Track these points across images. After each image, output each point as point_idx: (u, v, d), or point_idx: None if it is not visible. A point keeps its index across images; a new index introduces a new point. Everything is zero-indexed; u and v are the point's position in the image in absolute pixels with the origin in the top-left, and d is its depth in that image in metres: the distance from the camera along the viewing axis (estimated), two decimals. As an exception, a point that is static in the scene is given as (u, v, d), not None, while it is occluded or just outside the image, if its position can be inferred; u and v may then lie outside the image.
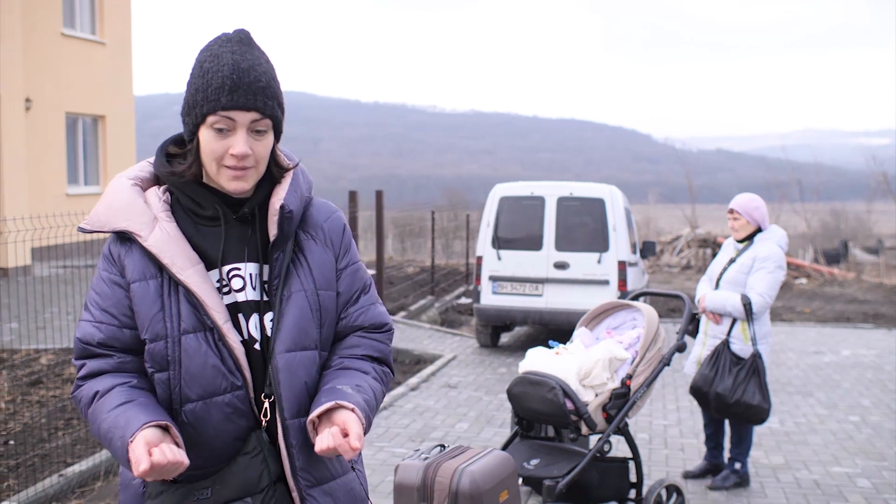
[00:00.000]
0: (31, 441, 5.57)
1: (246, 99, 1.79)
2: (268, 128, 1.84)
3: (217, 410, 1.83)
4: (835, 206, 36.46)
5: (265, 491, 1.83)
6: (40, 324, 8.95)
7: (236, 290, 1.88)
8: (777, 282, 5.26)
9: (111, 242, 1.88)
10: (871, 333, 11.95)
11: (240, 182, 1.84)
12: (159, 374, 1.83)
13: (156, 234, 1.83)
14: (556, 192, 9.85)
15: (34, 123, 15.35)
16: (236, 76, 1.78)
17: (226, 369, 1.82)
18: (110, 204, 1.88)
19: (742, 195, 5.51)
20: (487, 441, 6.37)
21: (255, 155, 1.83)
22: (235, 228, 1.89)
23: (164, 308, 1.82)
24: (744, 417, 5.15)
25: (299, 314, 1.88)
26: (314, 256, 1.94)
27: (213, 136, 1.80)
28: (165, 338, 1.81)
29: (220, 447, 1.84)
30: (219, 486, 1.82)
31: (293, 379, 1.86)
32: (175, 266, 1.81)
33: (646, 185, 53.27)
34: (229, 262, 1.88)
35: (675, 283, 17.88)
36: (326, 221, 2.00)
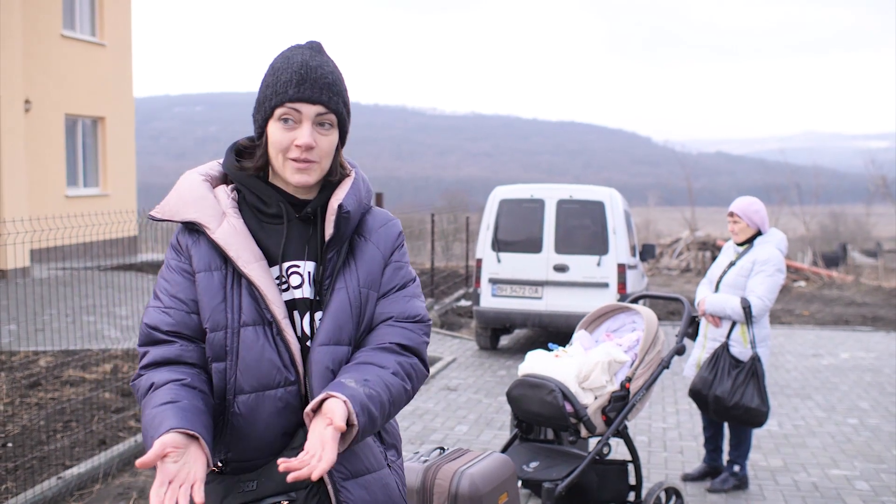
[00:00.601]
0: (30, 443, 5.56)
1: (312, 92, 1.86)
2: (333, 124, 1.91)
3: (269, 404, 1.86)
4: (834, 209, 36.50)
5: (310, 487, 1.86)
6: (39, 326, 8.95)
7: (294, 287, 1.93)
8: (777, 285, 5.26)
9: (179, 233, 1.95)
10: (869, 336, 11.95)
11: (303, 175, 1.89)
12: (217, 363, 1.87)
13: (223, 228, 1.89)
14: (556, 194, 9.86)
15: (34, 125, 15.35)
16: (304, 71, 1.87)
17: (281, 364, 1.86)
18: (182, 195, 1.94)
19: (742, 198, 5.51)
20: (487, 444, 6.36)
21: (320, 149, 1.89)
22: (297, 227, 1.95)
23: (227, 299, 1.87)
24: (743, 420, 5.15)
25: (338, 310, 1.91)
26: (364, 256, 1.98)
27: (280, 128, 1.87)
28: (225, 328, 1.86)
29: (269, 440, 1.87)
30: (264, 480, 1.85)
31: (324, 372, 1.88)
32: (240, 259, 1.87)
33: (645, 187, 53.28)
34: (289, 259, 1.93)
35: (674, 286, 17.88)
36: (381, 228, 2.04)
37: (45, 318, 9.30)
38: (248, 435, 1.87)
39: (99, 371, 7.41)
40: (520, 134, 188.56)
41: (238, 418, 1.86)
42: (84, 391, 6.76)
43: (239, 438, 1.86)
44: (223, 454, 1.89)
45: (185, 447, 1.69)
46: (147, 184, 15.50)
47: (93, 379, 7.16)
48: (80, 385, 6.98)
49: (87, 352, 7.98)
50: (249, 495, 1.85)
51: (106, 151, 18.28)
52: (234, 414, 1.86)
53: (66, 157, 16.90)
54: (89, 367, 7.49)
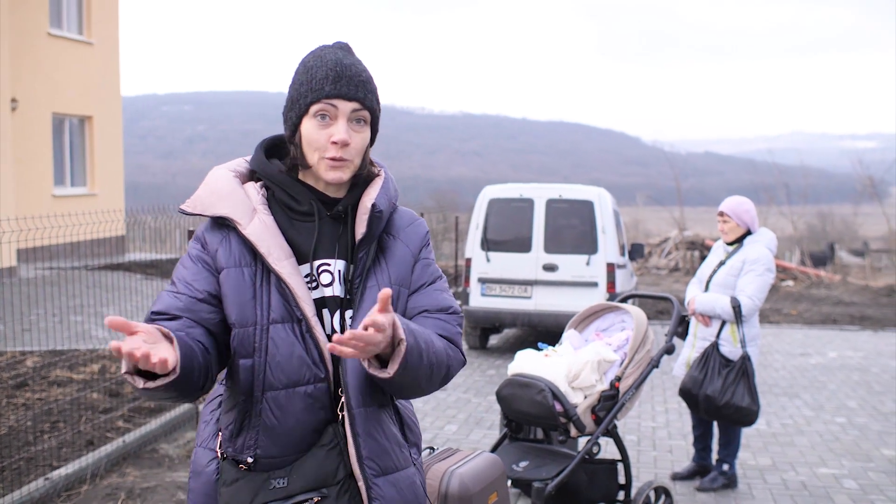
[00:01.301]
0: (17, 444, 5.53)
1: (348, 88, 1.88)
2: (366, 121, 1.92)
3: (299, 400, 1.87)
4: (821, 209, 36.67)
5: (341, 483, 1.87)
6: (26, 325, 8.90)
7: (324, 285, 1.93)
8: (766, 284, 5.27)
9: (206, 228, 1.95)
10: (857, 335, 12.01)
11: (338, 172, 1.90)
12: (244, 360, 1.87)
13: (255, 224, 1.89)
14: (545, 194, 9.86)
15: (20, 124, 15.26)
16: (339, 69, 1.89)
17: (310, 360, 1.87)
18: (213, 190, 1.94)
19: (731, 198, 5.53)
20: (476, 443, 6.36)
21: (354, 146, 1.90)
22: (328, 225, 1.96)
23: (256, 296, 1.87)
24: (733, 420, 5.16)
25: (371, 307, 1.90)
26: (394, 255, 1.99)
27: (316, 125, 1.88)
28: (255, 324, 1.86)
29: (298, 437, 1.88)
30: (295, 477, 1.86)
31: (360, 368, 1.88)
32: (271, 256, 1.87)
33: (634, 187, 53.41)
34: (320, 257, 1.94)
35: (663, 286, 17.93)
36: (408, 227, 2.05)
37: (32, 318, 9.24)
38: (278, 431, 1.87)
39: (86, 371, 7.37)
40: (509, 133, 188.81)
41: (268, 414, 1.87)
42: (71, 391, 6.72)
43: (268, 435, 1.87)
44: (252, 451, 1.89)
45: (158, 341, 1.64)
46: (135, 183, 15.41)
47: (80, 379, 7.12)
48: (68, 385, 6.94)
49: (75, 352, 7.93)
50: (280, 492, 1.85)
51: (93, 151, 18.20)
52: (263, 410, 1.87)
53: (53, 156, 16.81)
54: (77, 367, 7.45)
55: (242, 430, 1.90)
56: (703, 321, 5.38)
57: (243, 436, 1.90)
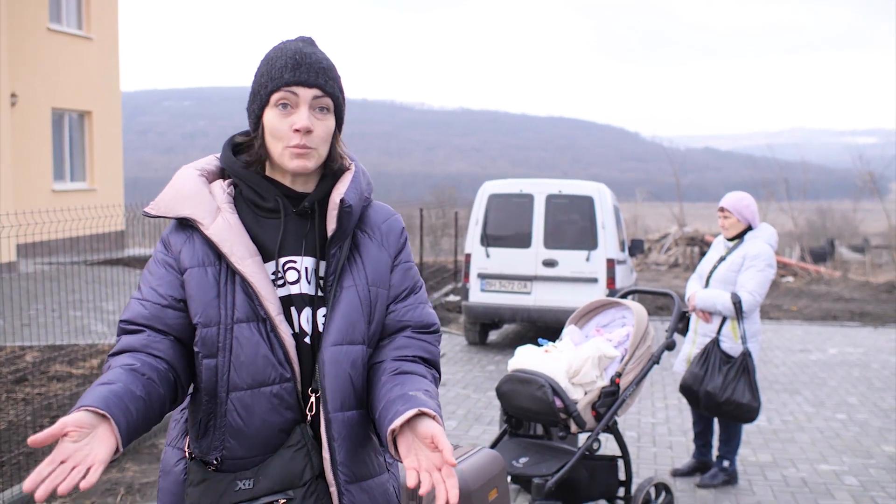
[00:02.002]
0: (16, 439, 5.52)
1: (308, 75, 1.85)
2: (329, 108, 1.89)
3: (265, 400, 1.84)
4: (821, 205, 36.62)
5: (307, 485, 1.84)
6: (25, 321, 8.89)
7: (290, 283, 1.90)
8: (767, 280, 5.26)
9: (171, 230, 1.92)
10: (857, 331, 12.00)
11: (301, 160, 1.86)
12: (208, 359, 1.85)
13: (218, 224, 1.87)
14: (545, 189, 9.85)
15: (20, 119, 15.24)
16: (299, 57, 1.87)
17: (275, 360, 1.84)
18: (177, 191, 1.92)
19: (732, 193, 5.51)
20: (476, 439, 6.36)
21: (317, 134, 1.87)
22: (295, 222, 1.92)
23: (220, 295, 1.85)
24: (734, 416, 5.15)
25: (349, 308, 1.89)
26: (369, 253, 1.96)
27: (278, 115, 1.86)
28: (218, 324, 1.84)
29: (265, 438, 1.85)
30: (261, 478, 1.83)
31: (338, 371, 1.86)
32: (234, 255, 1.84)
33: (633, 183, 53.36)
34: (286, 254, 1.91)
35: (662, 281, 17.92)
36: (384, 223, 2.02)
37: (32, 313, 9.24)
38: (244, 432, 1.85)
39: (86, 366, 7.36)
40: (508, 129, 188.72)
41: (233, 415, 1.85)
42: (71, 386, 6.71)
43: (234, 436, 1.84)
44: (218, 452, 1.86)
45: (93, 427, 1.60)
46: (134, 178, 15.37)
47: (80, 374, 7.11)
48: (67, 380, 6.94)
49: (74, 347, 7.93)
50: (245, 494, 1.83)
51: (93, 146, 18.18)
52: (228, 411, 1.85)
53: (52, 151, 16.80)
54: (76, 362, 7.44)
55: (208, 430, 1.87)
56: (704, 317, 5.37)
57: (209, 436, 1.87)
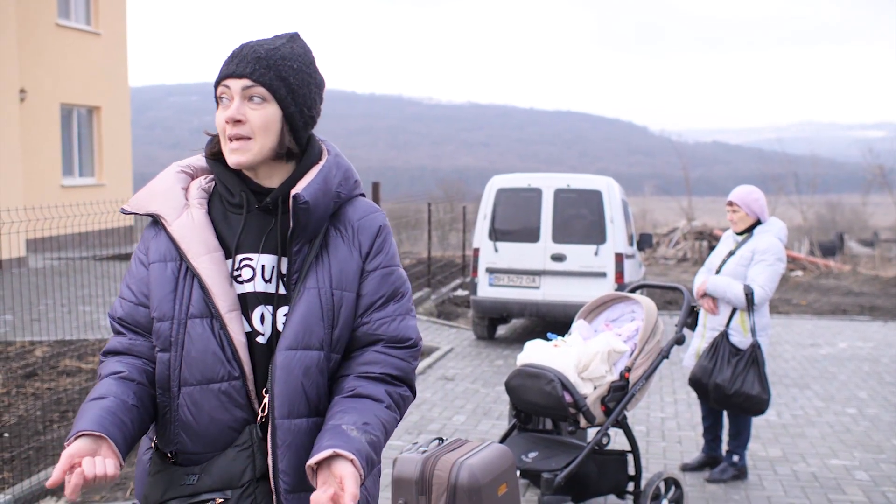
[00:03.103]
0: (27, 434, 5.54)
1: (237, 66, 1.83)
2: (264, 97, 1.83)
3: (213, 397, 1.83)
4: (831, 199, 36.51)
5: (245, 486, 1.80)
6: (35, 316, 8.92)
7: (245, 281, 1.88)
8: (777, 274, 5.24)
9: (147, 225, 1.96)
10: (867, 326, 11.96)
11: (237, 154, 1.84)
12: (162, 353, 1.87)
13: (181, 220, 1.88)
14: (554, 183, 9.83)
15: (29, 114, 15.28)
16: (237, 49, 1.87)
17: (224, 358, 1.83)
18: (151, 188, 1.95)
19: (741, 187, 5.49)
20: (485, 434, 6.35)
21: (252, 125, 1.83)
22: (258, 218, 1.90)
23: (177, 290, 1.86)
24: (743, 408, 5.13)
25: (307, 312, 1.84)
26: (338, 254, 1.89)
27: (220, 110, 1.87)
28: (171, 319, 1.85)
29: (214, 435, 1.84)
30: (204, 475, 1.82)
31: (289, 377, 1.82)
32: (190, 252, 1.85)
33: (642, 177, 53.28)
34: (243, 251, 1.89)
35: (671, 276, 17.88)
36: (359, 220, 1.94)
37: (42, 308, 9.26)
38: (193, 427, 1.85)
39: (95, 361, 7.38)
40: (516, 123, 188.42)
41: (183, 410, 1.85)
42: (80, 381, 6.73)
43: (184, 430, 1.85)
44: (173, 446, 1.88)
45: (95, 450, 1.70)
46: (143, 173, 15.38)
47: (89, 369, 7.13)
48: (77, 375, 6.96)
49: (84, 342, 7.95)
50: (188, 489, 1.82)
51: (101, 141, 18.21)
52: (179, 406, 1.86)
53: (61, 146, 16.84)
54: (86, 356, 7.46)
55: (165, 424, 1.89)
56: (711, 308, 5.35)
57: (166, 430, 1.88)
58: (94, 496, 4.81)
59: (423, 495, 3.22)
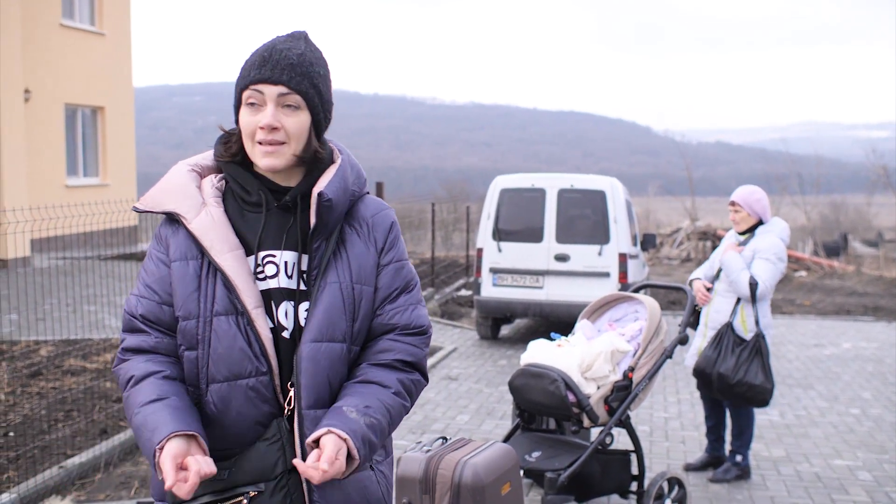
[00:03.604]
0: (31, 433, 5.56)
1: (272, 72, 1.85)
2: (298, 104, 1.87)
3: (241, 393, 1.86)
4: (834, 199, 36.45)
5: (279, 478, 1.85)
6: (40, 315, 8.94)
7: (269, 277, 1.91)
8: (778, 272, 5.25)
9: (162, 224, 1.96)
10: (871, 326, 11.95)
11: (271, 158, 1.87)
12: (189, 352, 1.88)
13: (201, 218, 1.89)
14: (557, 184, 9.83)
15: (33, 115, 15.31)
16: (267, 53, 1.87)
17: (252, 353, 1.85)
18: (164, 187, 1.95)
19: (743, 187, 5.49)
20: (488, 433, 6.36)
21: (286, 130, 1.86)
22: (277, 216, 1.93)
23: (200, 288, 1.87)
24: (746, 398, 5.14)
25: (330, 305, 1.89)
26: (354, 249, 1.96)
27: (247, 112, 1.88)
28: (197, 317, 1.86)
29: (242, 430, 1.87)
30: (236, 469, 1.85)
31: (315, 369, 1.87)
32: (213, 249, 1.86)
33: (645, 177, 53.21)
34: (265, 248, 1.92)
35: (675, 276, 17.88)
36: (373, 217, 2.00)
37: (46, 308, 9.28)
38: (221, 424, 1.87)
39: (100, 360, 7.40)
40: (519, 123, 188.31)
41: (211, 407, 1.87)
42: (85, 380, 6.75)
43: (212, 427, 1.86)
44: None
45: (187, 452, 1.73)
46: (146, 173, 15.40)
47: (94, 368, 7.15)
48: (81, 374, 6.98)
49: (88, 341, 7.97)
50: (220, 483, 1.84)
51: (105, 141, 18.24)
52: (206, 403, 1.87)
53: (65, 146, 16.87)
54: (90, 356, 7.48)
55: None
56: (703, 298, 5.37)
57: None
58: (99, 495, 4.83)
59: (427, 494, 3.23)
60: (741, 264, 5.24)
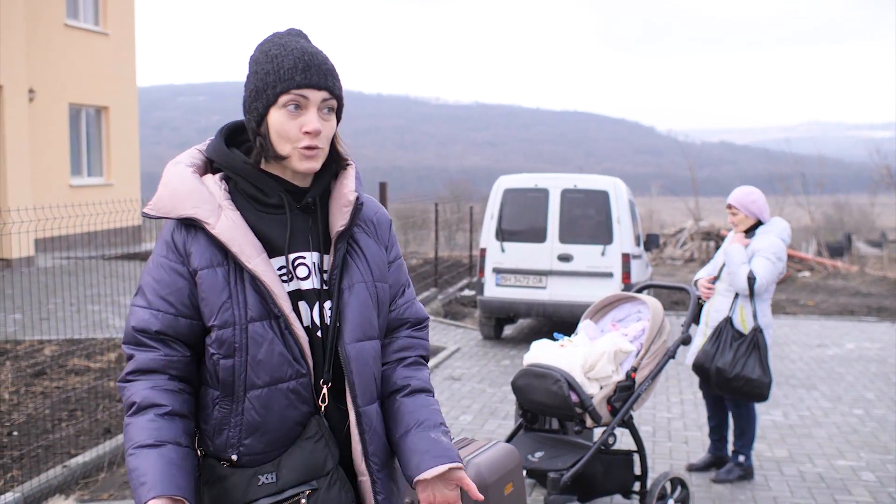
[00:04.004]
0: (35, 432, 5.57)
1: (318, 78, 1.86)
2: (333, 109, 1.91)
3: (282, 396, 1.86)
4: (838, 199, 36.35)
5: (330, 474, 1.88)
6: (44, 315, 8.95)
7: (301, 278, 1.91)
8: (776, 270, 5.26)
9: (175, 230, 1.88)
10: (874, 326, 11.93)
11: (311, 161, 1.88)
12: (225, 360, 1.84)
13: (223, 222, 1.84)
14: (561, 184, 9.84)
15: (37, 114, 15.33)
16: (308, 58, 1.86)
17: (291, 357, 1.86)
18: (176, 190, 1.87)
19: (739, 189, 5.50)
20: (491, 433, 6.37)
21: (324, 135, 1.89)
22: (297, 217, 1.93)
23: (232, 296, 1.84)
24: (743, 392, 5.15)
25: (363, 305, 1.94)
26: (369, 249, 2.00)
27: (286, 116, 1.85)
28: (234, 325, 1.83)
29: (283, 432, 1.88)
30: (284, 471, 1.86)
31: (364, 368, 1.92)
32: (244, 254, 1.83)
33: (649, 177, 53.15)
34: (295, 250, 1.92)
35: (678, 276, 17.86)
36: (375, 215, 2.06)
37: (50, 307, 9.30)
38: (263, 428, 1.86)
39: (104, 360, 7.41)
40: (522, 123, 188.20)
41: (250, 413, 1.85)
42: (89, 380, 6.76)
43: (252, 432, 1.85)
44: (235, 449, 1.87)
45: None
46: (150, 173, 15.40)
47: (98, 368, 7.17)
48: (85, 374, 6.99)
49: (92, 341, 7.98)
50: (270, 488, 1.84)
51: (109, 141, 18.27)
52: (246, 409, 1.85)
53: (69, 146, 16.90)
54: (94, 355, 7.50)
55: (223, 428, 1.87)
56: (706, 293, 5.39)
57: (225, 434, 1.87)
58: (103, 494, 4.84)
59: None
60: (743, 257, 5.26)
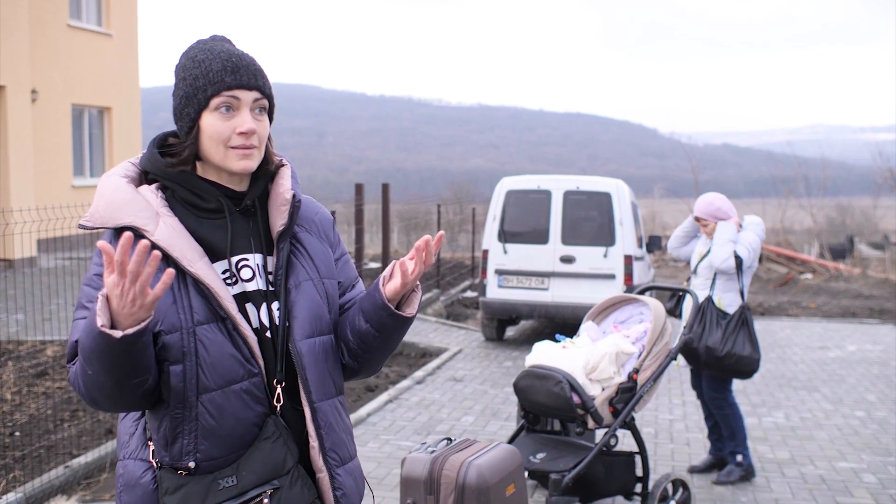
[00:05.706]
0: (37, 432, 5.58)
1: (248, 78, 1.89)
2: (265, 108, 1.93)
3: (236, 398, 1.86)
4: (841, 202, 36.30)
5: (290, 472, 1.89)
6: (46, 315, 8.97)
7: (245, 280, 1.93)
8: (754, 254, 5.34)
9: (111, 240, 1.85)
10: (876, 329, 11.92)
11: (247, 161, 1.90)
12: (174, 366, 1.82)
13: (162, 229, 1.84)
14: (563, 185, 9.84)
15: (40, 115, 15.36)
16: (236, 59, 1.90)
17: (242, 357, 1.86)
18: (111, 201, 1.87)
19: (701, 200, 5.68)
20: (493, 434, 6.37)
21: (259, 135, 1.91)
22: (237, 220, 1.95)
23: (176, 300, 1.83)
24: (734, 370, 5.20)
25: (312, 302, 1.96)
26: (313, 247, 2.03)
27: (219, 118, 1.87)
28: (180, 329, 1.82)
29: (239, 434, 1.87)
30: (244, 473, 1.85)
31: (316, 364, 1.94)
32: (185, 259, 1.84)
33: (651, 179, 53.13)
34: (237, 252, 1.93)
35: (680, 278, 17.84)
36: (316, 216, 2.09)
37: (52, 308, 9.31)
38: (217, 432, 1.84)
39: (106, 361, 7.42)
40: (525, 125, 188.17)
41: (205, 417, 1.84)
42: (91, 381, 6.77)
43: (208, 437, 1.84)
44: (192, 456, 1.85)
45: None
46: (153, 174, 15.40)
47: (100, 368, 7.17)
48: (87, 374, 6.99)
49: (94, 341, 7.98)
50: (232, 491, 1.83)
51: (112, 141, 18.29)
52: (200, 413, 1.83)
53: (72, 147, 16.92)
54: (96, 356, 7.50)
55: (178, 436, 1.84)
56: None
57: (179, 442, 1.84)
58: (105, 495, 4.85)
59: (432, 495, 3.24)
60: (733, 235, 5.35)
